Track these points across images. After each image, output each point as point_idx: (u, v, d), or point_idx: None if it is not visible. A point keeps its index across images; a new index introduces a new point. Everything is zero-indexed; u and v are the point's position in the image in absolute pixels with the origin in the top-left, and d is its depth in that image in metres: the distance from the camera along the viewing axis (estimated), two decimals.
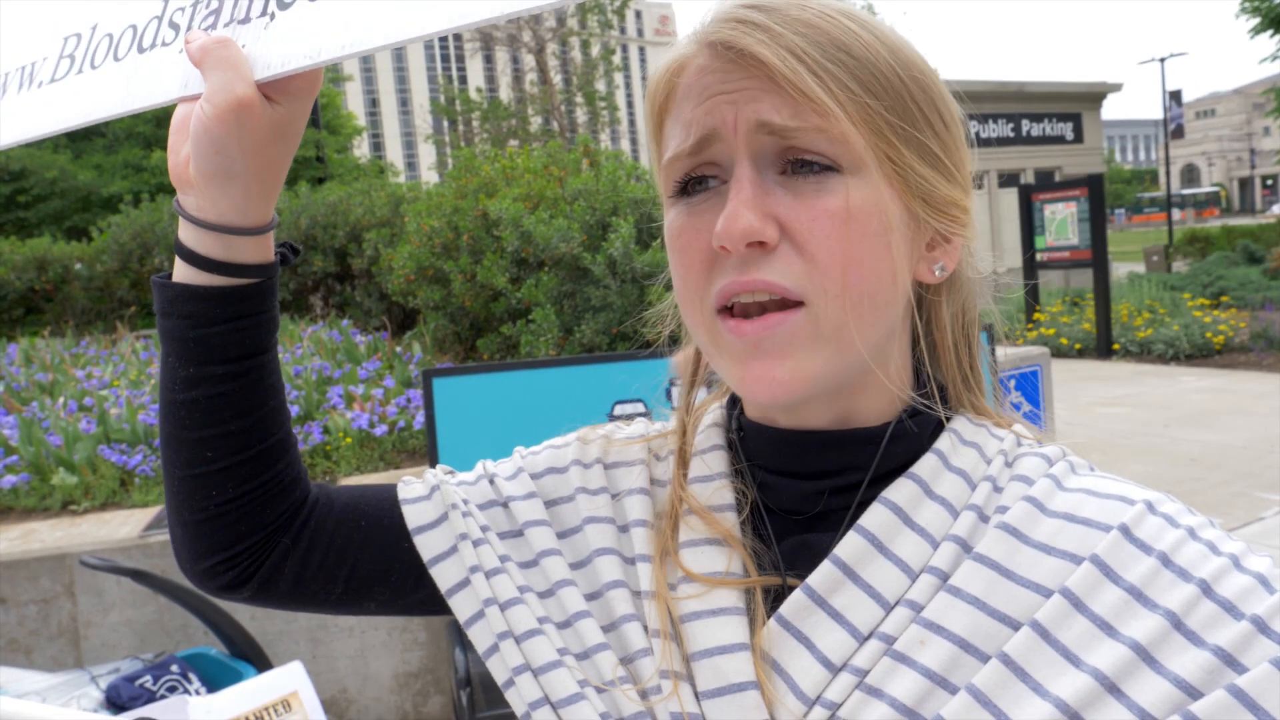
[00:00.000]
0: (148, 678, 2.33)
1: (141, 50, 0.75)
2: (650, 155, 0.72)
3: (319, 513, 0.76)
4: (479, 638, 0.71)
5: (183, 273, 0.69)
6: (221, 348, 0.69)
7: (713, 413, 0.77)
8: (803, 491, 0.67)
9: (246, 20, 0.67)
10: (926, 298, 0.71)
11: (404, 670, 3.10)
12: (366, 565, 0.76)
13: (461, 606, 0.72)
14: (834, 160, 0.60)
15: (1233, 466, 5.90)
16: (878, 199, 0.61)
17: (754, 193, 0.60)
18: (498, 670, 0.69)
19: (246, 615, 2.94)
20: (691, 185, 0.65)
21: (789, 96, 0.59)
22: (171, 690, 2.33)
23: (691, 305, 0.65)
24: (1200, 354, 9.78)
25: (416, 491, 0.77)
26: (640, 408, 2.65)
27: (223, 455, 0.70)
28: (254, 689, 1.96)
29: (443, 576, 0.73)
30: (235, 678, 2.41)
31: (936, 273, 0.68)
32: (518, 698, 0.67)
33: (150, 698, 2.28)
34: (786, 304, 0.61)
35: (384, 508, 0.77)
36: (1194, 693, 0.51)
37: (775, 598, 0.65)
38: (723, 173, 0.63)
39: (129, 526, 3.09)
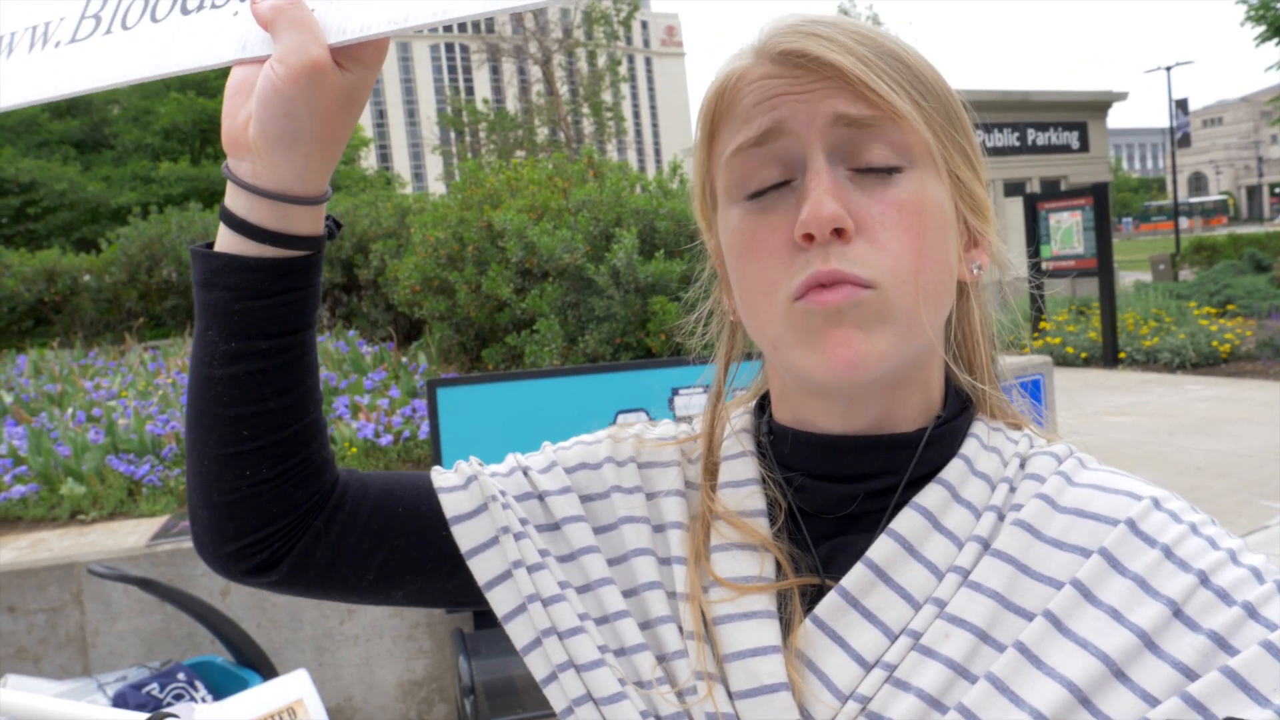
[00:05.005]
0: (154, 685, 2.35)
1: (186, 12, 0.72)
2: (696, 165, 0.73)
3: (352, 497, 0.75)
4: (518, 632, 0.71)
5: (230, 242, 0.67)
6: (268, 321, 0.67)
7: (740, 417, 0.77)
8: (838, 494, 0.69)
9: None
10: (956, 299, 0.73)
11: (409, 678, 3.11)
12: (401, 552, 0.75)
13: (500, 600, 0.72)
14: (901, 159, 0.63)
15: (1238, 475, 5.88)
16: (939, 195, 0.65)
17: (832, 182, 0.62)
18: (538, 666, 0.70)
19: (253, 624, 2.96)
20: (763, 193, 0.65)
21: (860, 95, 0.62)
22: (178, 698, 2.35)
23: (767, 299, 0.65)
24: (1206, 363, 9.75)
25: (452, 481, 0.77)
26: (643, 417, 2.67)
27: (259, 434, 0.69)
28: (259, 697, 1.98)
29: (482, 569, 0.73)
30: (241, 685, 2.43)
31: (974, 271, 0.71)
32: (559, 693, 0.68)
33: (157, 705, 2.29)
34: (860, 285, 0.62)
35: (420, 495, 0.77)
36: (1191, 674, 0.54)
37: (811, 599, 0.66)
38: (790, 173, 0.64)
39: (136, 536, 3.11)
